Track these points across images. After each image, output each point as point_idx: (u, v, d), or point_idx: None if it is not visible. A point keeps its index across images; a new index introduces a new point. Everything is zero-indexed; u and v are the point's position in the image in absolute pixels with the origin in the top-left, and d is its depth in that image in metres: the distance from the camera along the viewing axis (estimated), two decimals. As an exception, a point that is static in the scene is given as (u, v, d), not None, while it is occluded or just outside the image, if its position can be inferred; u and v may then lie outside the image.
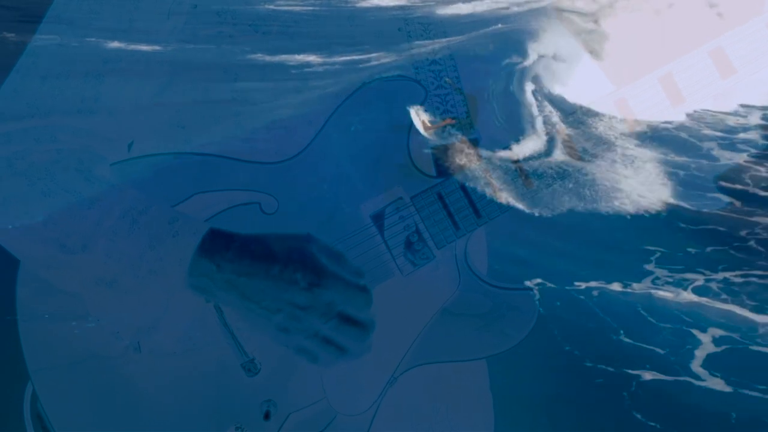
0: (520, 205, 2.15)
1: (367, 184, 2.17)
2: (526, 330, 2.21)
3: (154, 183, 2.09)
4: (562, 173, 2.15)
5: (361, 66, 2.13)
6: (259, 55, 2.11)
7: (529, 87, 2.16)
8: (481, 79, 2.19)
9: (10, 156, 2.01)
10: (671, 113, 2.20)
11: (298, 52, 2.11)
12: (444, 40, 2.17)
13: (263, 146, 2.14)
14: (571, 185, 2.14)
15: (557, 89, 2.19)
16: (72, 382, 2.13)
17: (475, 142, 2.18)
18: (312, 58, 2.12)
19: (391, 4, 2.15)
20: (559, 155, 2.16)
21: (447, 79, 2.15)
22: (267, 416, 2.14)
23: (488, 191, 2.16)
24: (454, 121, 2.15)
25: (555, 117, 2.17)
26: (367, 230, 2.17)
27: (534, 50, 2.16)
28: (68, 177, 2.01)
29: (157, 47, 2.08)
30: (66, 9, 2.13)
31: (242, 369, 2.14)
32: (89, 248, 1.95)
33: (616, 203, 2.11)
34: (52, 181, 1.99)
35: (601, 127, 2.18)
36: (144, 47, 2.08)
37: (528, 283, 2.24)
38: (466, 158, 2.16)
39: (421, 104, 2.14)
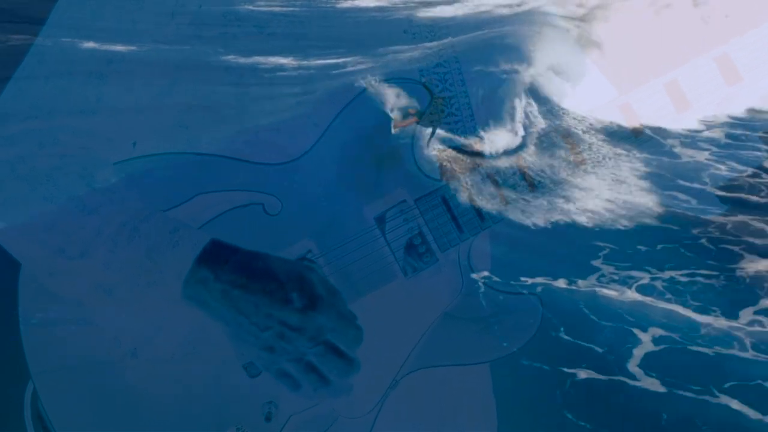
0: (511, 216, 2.17)
1: (370, 187, 2.17)
2: (530, 334, 2.23)
3: (156, 183, 2.09)
4: (541, 183, 2.18)
5: (347, 69, 2.13)
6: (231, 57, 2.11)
7: (522, 87, 2.17)
8: (481, 82, 2.19)
9: (13, 159, 2.00)
10: (676, 119, 2.21)
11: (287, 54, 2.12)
12: (435, 43, 2.18)
13: (267, 147, 2.13)
14: (545, 201, 2.18)
15: (561, 101, 2.21)
16: (73, 383, 2.13)
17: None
18: (287, 59, 2.12)
19: (372, 4, 2.14)
20: (531, 149, 2.18)
21: (424, 79, 2.15)
22: (268, 418, 2.15)
23: (493, 195, 2.18)
24: (417, 120, 2.15)
25: (534, 109, 2.20)
26: (370, 232, 2.17)
27: (533, 58, 2.17)
28: (70, 182, 1.99)
29: (157, 47, 2.07)
30: (69, 10, 2.10)
31: (243, 370, 2.14)
32: (88, 255, 1.94)
33: (580, 204, 2.14)
34: (53, 186, 1.98)
35: (569, 120, 2.20)
36: (145, 47, 2.07)
37: (474, 276, 2.23)
38: (472, 160, 2.18)
39: (426, 106, 2.15)
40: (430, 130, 2.14)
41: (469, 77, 2.17)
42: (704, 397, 2.29)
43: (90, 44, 2.04)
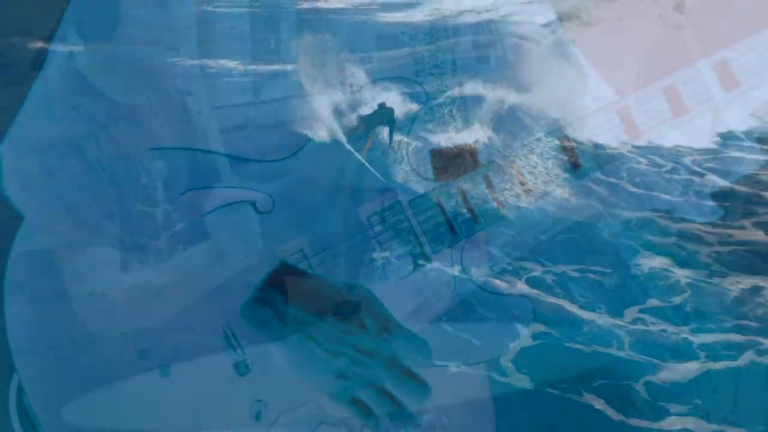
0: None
1: (364, 186, 2.18)
2: (525, 334, 2.24)
3: (150, 179, 2.11)
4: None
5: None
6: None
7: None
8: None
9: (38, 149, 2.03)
10: (675, 124, 2.20)
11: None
12: (395, 51, 2.16)
13: (259, 144, 2.14)
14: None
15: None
16: (60, 377, 2.13)
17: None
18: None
19: (338, 6, 2.12)
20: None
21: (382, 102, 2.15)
22: (258, 416, 2.17)
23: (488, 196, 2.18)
24: (373, 137, 2.15)
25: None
26: (363, 233, 2.18)
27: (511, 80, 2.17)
28: (95, 177, 2.05)
29: (173, 48, 2.08)
30: (83, 11, 2.11)
31: (234, 368, 2.16)
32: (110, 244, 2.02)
33: (505, 192, 2.16)
34: (79, 178, 2.04)
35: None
36: (162, 49, 2.09)
37: (375, 255, 2.21)
38: (466, 162, 2.18)
39: (423, 106, 2.17)
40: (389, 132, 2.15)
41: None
42: (570, 396, 2.26)
43: (102, 44, 2.06)
